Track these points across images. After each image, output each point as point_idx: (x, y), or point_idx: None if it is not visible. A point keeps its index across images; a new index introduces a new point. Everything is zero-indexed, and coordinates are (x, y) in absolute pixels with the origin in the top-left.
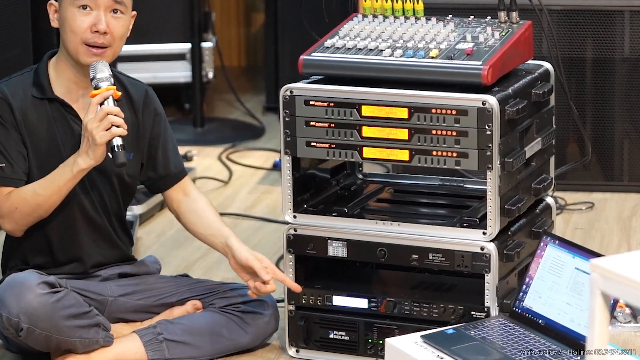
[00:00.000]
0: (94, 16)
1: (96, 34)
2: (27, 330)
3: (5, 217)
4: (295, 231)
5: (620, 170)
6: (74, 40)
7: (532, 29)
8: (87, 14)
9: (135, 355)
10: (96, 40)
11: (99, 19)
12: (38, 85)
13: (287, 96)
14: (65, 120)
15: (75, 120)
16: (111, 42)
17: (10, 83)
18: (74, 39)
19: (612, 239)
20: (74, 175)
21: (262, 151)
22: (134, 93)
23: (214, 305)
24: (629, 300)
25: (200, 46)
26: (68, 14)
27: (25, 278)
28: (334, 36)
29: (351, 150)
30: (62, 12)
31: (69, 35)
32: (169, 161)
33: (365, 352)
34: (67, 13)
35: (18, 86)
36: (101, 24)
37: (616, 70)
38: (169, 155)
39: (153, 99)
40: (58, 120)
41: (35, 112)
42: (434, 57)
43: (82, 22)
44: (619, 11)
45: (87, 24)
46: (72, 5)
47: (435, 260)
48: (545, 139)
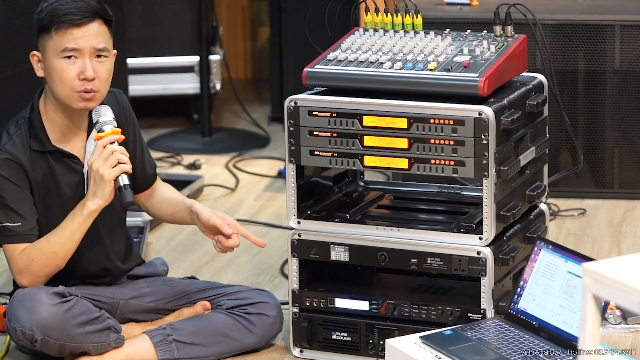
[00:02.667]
0: (80, 64)
1: (84, 81)
2: (41, 341)
3: (23, 273)
4: (300, 236)
5: (611, 178)
6: (63, 89)
7: (526, 43)
8: (73, 63)
9: (146, 355)
10: (85, 87)
11: (86, 66)
12: (36, 139)
13: (292, 107)
14: (65, 163)
15: (73, 160)
16: (99, 87)
17: (14, 143)
18: (64, 88)
19: (603, 244)
20: (85, 218)
21: (267, 160)
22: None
23: (222, 307)
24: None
25: (208, 59)
26: (55, 65)
27: (35, 291)
28: (337, 49)
29: (353, 159)
30: (47, 63)
31: (59, 85)
32: (145, 165)
33: (367, 353)
34: (53, 64)
35: (20, 144)
36: (88, 71)
37: (607, 82)
38: (144, 159)
39: (125, 104)
40: (59, 166)
41: (38, 165)
42: (432, 70)
43: (69, 71)
44: (609, 25)
45: (75, 73)
46: (57, 56)
47: (434, 264)
48: (539, 148)
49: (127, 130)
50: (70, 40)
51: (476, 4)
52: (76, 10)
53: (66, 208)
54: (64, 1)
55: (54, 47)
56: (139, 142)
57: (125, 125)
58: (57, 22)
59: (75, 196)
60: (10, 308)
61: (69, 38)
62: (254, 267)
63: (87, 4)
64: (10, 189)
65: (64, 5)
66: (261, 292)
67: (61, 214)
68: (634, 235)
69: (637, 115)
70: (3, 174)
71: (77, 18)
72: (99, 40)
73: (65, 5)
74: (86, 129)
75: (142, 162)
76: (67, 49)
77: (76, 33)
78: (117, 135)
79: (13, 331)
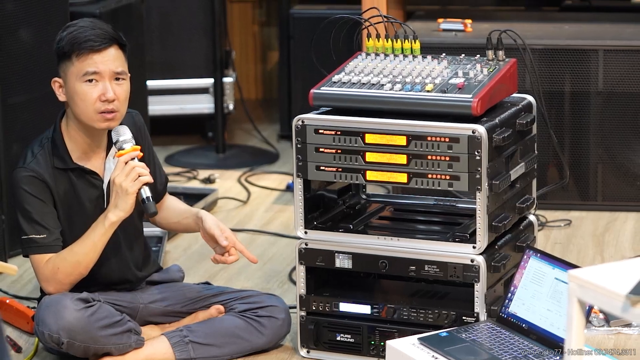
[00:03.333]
0: (100, 87)
1: (105, 102)
2: (67, 344)
3: (49, 281)
4: (306, 245)
5: (594, 191)
6: (86, 111)
7: (516, 66)
8: (95, 86)
9: (164, 355)
10: (107, 107)
11: (106, 88)
12: (59, 157)
13: (299, 125)
14: (86, 179)
15: (94, 177)
16: (119, 107)
17: (38, 161)
18: (87, 110)
19: (587, 253)
20: (106, 229)
21: (276, 174)
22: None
23: (234, 310)
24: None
25: (222, 81)
26: (77, 89)
27: (60, 297)
28: (341, 72)
29: (356, 174)
30: (69, 88)
31: (82, 107)
32: (156, 181)
33: (369, 353)
34: (75, 88)
35: (44, 162)
36: (109, 92)
37: (591, 102)
38: (155, 175)
39: (141, 124)
40: (80, 182)
41: (61, 182)
42: (429, 91)
43: (91, 94)
44: (593, 50)
45: (97, 95)
46: (79, 81)
47: (431, 271)
48: (528, 163)
49: (141, 148)
50: (91, 64)
51: (470, 31)
52: (95, 37)
53: (88, 220)
54: (83, 29)
55: (76, 72)
56: (152, 159)
57: (141, 144)
58: (77, 48)
59: (96, 210)
60: (38, 313)
61: (89, 63)
62: (264, 273)
63: (105, 31)
64: (35, 204)
65: (83, 33)
66: (271, 297)
67: (83, 226)
68: (615, 245)
69: (619, 133)
70: (28, 190)
71: (97, 44)
72: (116, 64)
73: (84, 33)
74: (105, 147)
75: (154, 176)
76: (88, 73)
77: (96, 58)
78: (137, 152)
79: (41, 335)
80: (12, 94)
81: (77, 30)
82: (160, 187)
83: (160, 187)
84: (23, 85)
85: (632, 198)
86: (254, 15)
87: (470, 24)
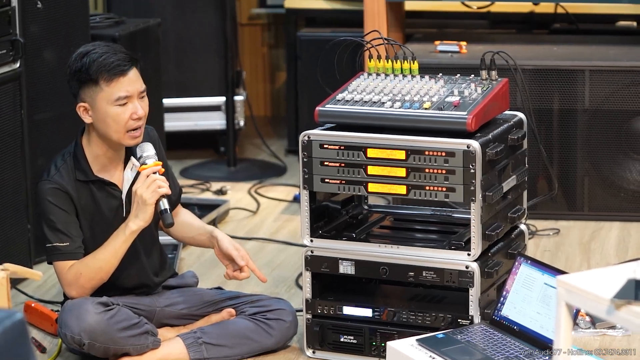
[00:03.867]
0: (131, 107)
1: (136, 120)
2: (88, 345)
3: (71, 285)
4: (312, 253)
5: (581, 202)
6: (118, 131)
7: (508, 85)
8: (126, 107)
9: (179, 355)
10: (137, 124)
11: (136, 107)
12: (80, 170)
13: (305, 141)
14: (106, 191)
15: (113, 188)
16: (144, 121)
17: (61, 174)
18: (119, 130)
19: (574, 260)
20: (127, 237)
21: (284, 186)
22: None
23: (245, 313)
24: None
25: (233, 99)
26: (109, 112)
27: (82, 301)
28: (344, 91)
29: (358, 186)
30: (99, 111)
31: (114, 128)
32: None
33: (370, 353)
34: (107, 111)
35: (67, 175)
36: (140, 110)
37: (578, 119)
38: (170, 186)
39: (156, 138)
40: (100, 193)
41: (82, 193)
42: (427, 108)
43: (124, 114)
44: (580, 70)
45: (128, 115)
46: (111, 104)
47: (428, 277)
48: (519, 176)
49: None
50: (121, 89)
51: (465, 52)
52: (119, 61)
53: (108, 229)
54: (106, 55)
55: (106, 97)
56: (166, 172)
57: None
58: (106, 74)
59: (116, 218)
60: (61, 316)
61: (119, 87)
62: (273, 279)
63: (125, 54)
64: (59, 214)
65: (108, 59)
66: (279, 301)
67: (104, 234)
68: (601, 252)
69: (604, 148)
70: (52, 201)
71: (125, 68)
72: (140, 83)
73: (109, 59)
74: (123, 160)
75: None
76: (120, 98)
77: (123, 81)
78: (158, 167)
79: (64, 336)
80: (37, 111)
81: (100, 56)
82: (174, 197)
83: (174, 197)
84: (47, 103)
85: (616, 209)
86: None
87: (465, 46)
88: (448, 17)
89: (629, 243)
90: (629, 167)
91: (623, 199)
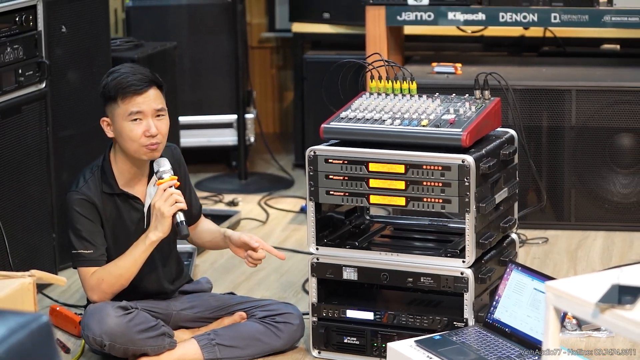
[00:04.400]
0: (144, 124)
1: (150, 137)
2: (109, 346)
3: (94, 290)
4: (318, 260)
5: (568, 213)
6: (133, 145)
7: (500, 104)
8: (139, 124)
9: (194, 356)
10: (151, 141)
11: (150, 125)
12: (107, 183)
13: (311, 156)
14: (129, 204)
15: (136, 201)
16: (161, 139)
17: (88, 186)
18: (133, 144)
19: (562, 267)
20: (147, 247)
21: (292, 198)
22: (169, 158)
23: (255, 316)
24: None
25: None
26: (124, 127)
27: (103, 305)
28: (348, 109)
29: (360, 197)
30: (117, 126)
31: (129, 142)
32: (192, 205)
33: (372, 354)
34: (123, 126)
35: (94, 187)
36: (152, 129)
37: (565, 136)
38: (191, 200)
39: (179, 156)
40: (124, 206)
41: (108, 205)
42: (424, 126)
43: (137, 130)
44: (567, 90)
45: (141, 131)
46: (126, 120)
47: (426, 282)
48: (511, 188)
49: (179, 178)
50: (134, 105)
51: (460, 73)
52: (137, 81)
53: (130, 239)
54: (125, 75)
55: (122, 113)
56: (188, 187)
57: (178, 174)
58: (122, 92)
59: (137, 230)
60: (84, 319)
61: (133, 104)
62: (281, 284)
63: (144, 75)
64: (85, 223)
65: (126, 78)
66: (287, 305)
67: (126, 244)
68: (587, 260)
69: (590, 162)
70: (79, 211)
71: (139, 88)
72: (157, 102)
73: (127, 78)
74: (147, 175)
75: (189, 203)
76: (132, 113)
77: (138, 99)
78: (174, 181)
79: (86, 338)
80: (62, 129)
81: (120, 75)
82: (196, 212)
83: (196, 212)
84: (71, 121)
85: (601, 219)
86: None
87: (460, 67)
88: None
89: (612, 251)
90: (613, 180)
91: (607, 210)
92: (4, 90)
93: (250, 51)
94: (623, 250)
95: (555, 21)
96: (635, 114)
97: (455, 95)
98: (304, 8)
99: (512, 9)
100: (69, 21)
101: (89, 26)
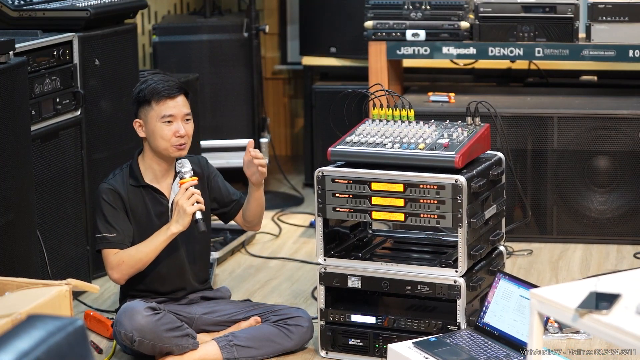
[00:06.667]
0: (175, 126)
1: (179, 137)
2: (138, 342)
3: (114, 269)
4: (325, 270)
5: (551, 228)
6: (164, 144)
7: (489, 129)
8: (170, 125)
9: (214, 356)
10: (180, 141)
11: (179, 127)
12: (134, 177)
13: (320, 176)
14: (155, 198)
15: (161, 196)
16: (187, 140)
17: (116, 179)
18: (165, 143)
19: (545, 276)
20: (167, 237)
21: (302, 214)
22: (195, 166)
23: (269, 320)
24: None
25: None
26: (157, 127)
27: (134, 305)
28: (352, 134)
29: (364, 213)
30: (149, 126)
31: (160, 141)
32: (229, 193)
33: (374, 354)
34: (155, 126)
35: (122, 180)
36: (181, 130)
37: (548, 158)
38: (228, 190)
39: (205, 162)
40: (150, 199)
41: (134, 196)
42: (421, 149)
43: (168, 131)
44: (549, 117)
45: (172, 132)
46: (159, 121)
47: (422, 290)
48: (499, 205)
49: (208, 177)
50: (167, 109)
51: (453, 102)
52: (170, 87)
53: (153, 229)
54: (159, 82)
55: (155, 115)
56: (221, 182)
57: (206, 175)
58: (157, 96)
59: (161, 222)
60: (116, 318)
61: (166, 108)
62: (292, 292)
63: (175, 83)
64: (110, 210)
65: (160, 85)
66: (298, 310)
67: (148, 233)
68: (567, 269)
69: (570, 182)
70: (106, 199)
71: (171, 93)
72: (185, 107)
73: (161, 85)
74: (173, 173)
75: (227, 192)
76: (165, 116)
77: (170, 103)
78: (195, 181)
79: (118, 334)
80: (95, 151)
81: (155, 82)
82: (236, 197)
83: (236, 197)
84: (103, 145)
85: (580, 233)
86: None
87: (454, 97)
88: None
89: (590, 262)
90: (591, 198)
91: (586, 225)
92: (44, 117)
93: (264, 82)
94: (600, 261)
95: (539, 55)
96: (611, 138)
97: (449, 121)
98: (313, 43)
99: (500, 44)
100: (102, 55)
101: (119, 59)
